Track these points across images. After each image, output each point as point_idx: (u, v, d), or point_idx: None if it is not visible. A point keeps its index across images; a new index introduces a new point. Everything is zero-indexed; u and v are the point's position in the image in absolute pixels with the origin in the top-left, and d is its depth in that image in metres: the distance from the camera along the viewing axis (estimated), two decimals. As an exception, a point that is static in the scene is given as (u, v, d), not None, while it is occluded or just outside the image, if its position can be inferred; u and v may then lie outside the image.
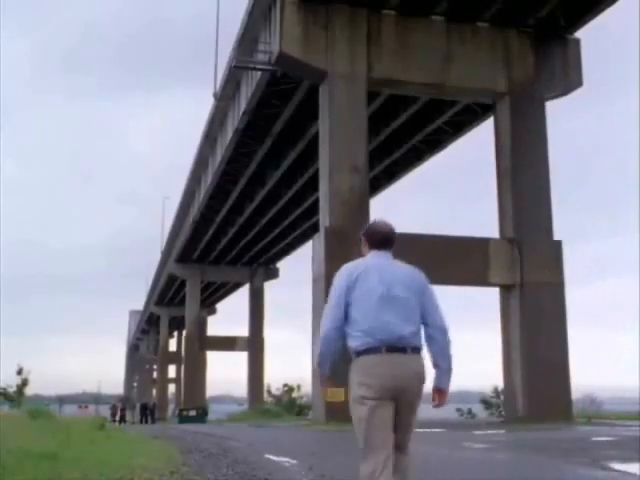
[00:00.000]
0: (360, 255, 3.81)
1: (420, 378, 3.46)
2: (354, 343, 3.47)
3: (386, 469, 3.33)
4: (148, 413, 48.65)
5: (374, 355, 3.40)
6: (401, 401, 3.42)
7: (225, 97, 32.99)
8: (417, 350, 3.48)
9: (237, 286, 67.95)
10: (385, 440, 3.38)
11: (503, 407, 31.08)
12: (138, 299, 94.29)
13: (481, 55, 25.54)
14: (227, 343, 65.33)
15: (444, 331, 3.57)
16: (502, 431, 18.37)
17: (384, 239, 3.71)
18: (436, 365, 3.57)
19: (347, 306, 3.50)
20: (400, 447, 3.48)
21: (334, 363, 3.59)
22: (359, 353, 3.45)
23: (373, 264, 3.62)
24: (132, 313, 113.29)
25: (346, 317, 3.50)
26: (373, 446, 3.36)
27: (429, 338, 3.55)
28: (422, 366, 3.49)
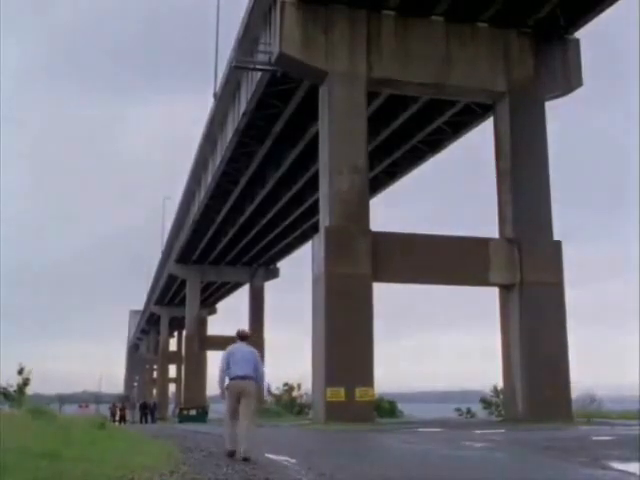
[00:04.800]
0: (358, 254, 16.47)
1: (252, 388, 9.05)
2: (229, 376, 9.04)
3: (232, 426, 9.01)
4: (148, 412, 48.60)
5: (235, 380, 9.00)
6: (243, 395, 8.97)
7: (225, 97, 33.01)
8: (252, 378, 9.05)
9: (237, 286, 67.96)
10: (234, 410, 9.00)
11: (503, 406, 31.11)
12: (138, 299, 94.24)
13: (481, 55, 25.55)
14: (227, 343, 64.26)
15: (262, 375, 9.38)
16: (502, 430, 18.38)
17: (243, 337, 9.49)
18: (258, 385, 9.38)
19: (228, 362, 9.10)
20: (242, 416, 8.89)
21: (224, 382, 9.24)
22: (230, 379, 9.03)
23: (238, 347, 9.34)
24: (132, 313, 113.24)
25: (228, 366, 9.08)
26: (230, 412, 9.06)
27: (257, 376, 9.17)
28: (253, 384, 9.09)
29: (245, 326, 67.06)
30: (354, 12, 24.51)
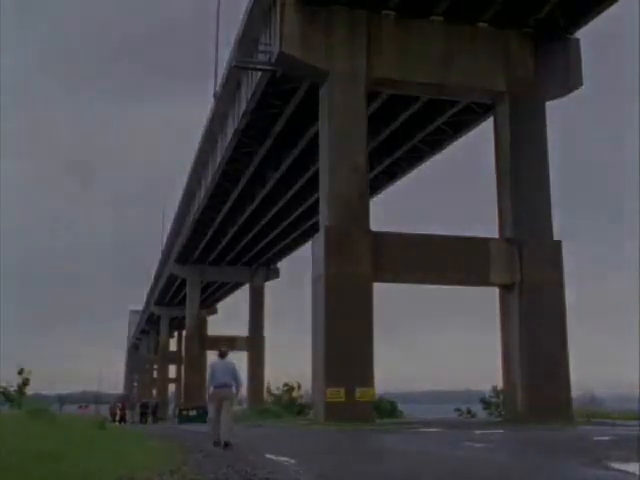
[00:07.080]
0: (358, 254, 21.79)
1: (230, 394, 12.15)
2: (212, 384, 12.21)
3: (215, 422, 12.13)
4: (149, 412, 48.52)
5: (217, 388, 12.12)
6: (224, 399, 12.07)
7: (225, 97, 32.99)
8: (230, 386, 12.15)
9: (237, 286, 67.95)
10: (216, 413, 12.09)
11: (503, 406, 31.06)
12: (138, 299, 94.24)
13: (481, 55, 25.53)
14: (227, 343, 65.10)
15: (239, 383, 12.39)
16: (502, 430, 18.38)
17: (222, 355, 12.40)
18: (234, 390, 12.37)
19: (213, 374, 12.23)
20: (224, 414, 11.93)
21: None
22: (214, 387, 12.17)
23: (219, 361, 12.37)
24: (132, 313, 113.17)
25: (212, 376, 12.23)
26: (214, 412, 12.19)
27: (234, 384, 12.23)
28: (231, 390, 12.18)
29: (245, 327, 66.98)
30: (354, 12, 24.49)
